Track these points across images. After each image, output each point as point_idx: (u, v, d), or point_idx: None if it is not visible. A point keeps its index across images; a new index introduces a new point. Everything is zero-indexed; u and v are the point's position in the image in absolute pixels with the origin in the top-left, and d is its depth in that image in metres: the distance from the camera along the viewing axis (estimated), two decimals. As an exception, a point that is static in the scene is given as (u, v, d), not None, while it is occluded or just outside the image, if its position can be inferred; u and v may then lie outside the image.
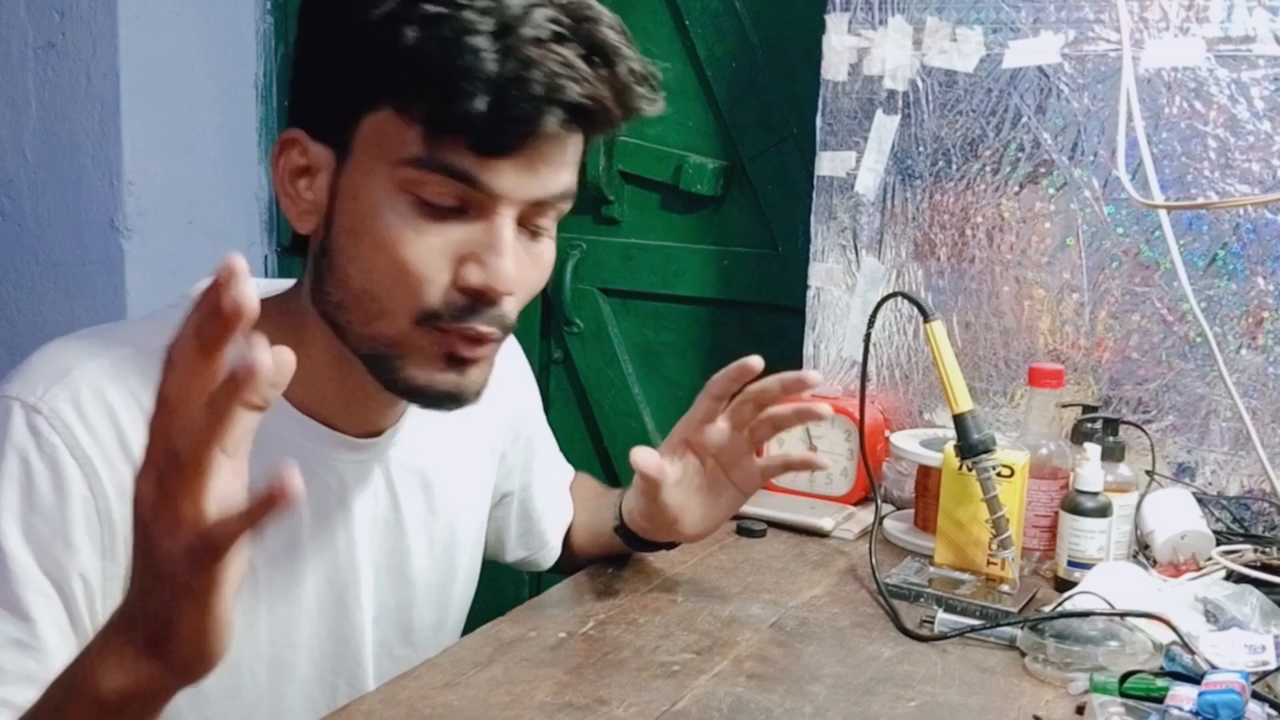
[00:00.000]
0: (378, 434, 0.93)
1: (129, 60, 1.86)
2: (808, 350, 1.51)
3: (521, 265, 0.81)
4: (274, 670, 0.90)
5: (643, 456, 1.01)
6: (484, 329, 0.80)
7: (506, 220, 0.79)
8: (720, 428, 1.04)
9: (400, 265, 0.78)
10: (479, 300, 0.79)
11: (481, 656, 0.95)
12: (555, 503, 1.20)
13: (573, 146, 0.82)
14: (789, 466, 1.07)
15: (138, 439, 0.75)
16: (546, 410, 1.93)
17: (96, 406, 0.78)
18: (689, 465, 1.06)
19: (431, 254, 0.78)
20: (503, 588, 1.77)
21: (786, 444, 1.44)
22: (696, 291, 1.78)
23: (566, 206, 0.83)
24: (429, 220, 0.78)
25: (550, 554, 1.21)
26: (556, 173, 0.80)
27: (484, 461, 1.08)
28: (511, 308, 0.82)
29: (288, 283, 0.91)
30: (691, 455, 1.06)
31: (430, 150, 0.76)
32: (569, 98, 0.75)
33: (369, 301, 0.80)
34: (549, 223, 0.84)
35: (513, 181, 0.78)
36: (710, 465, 1.07)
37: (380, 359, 0.82)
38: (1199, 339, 1.27)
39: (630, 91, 0.79)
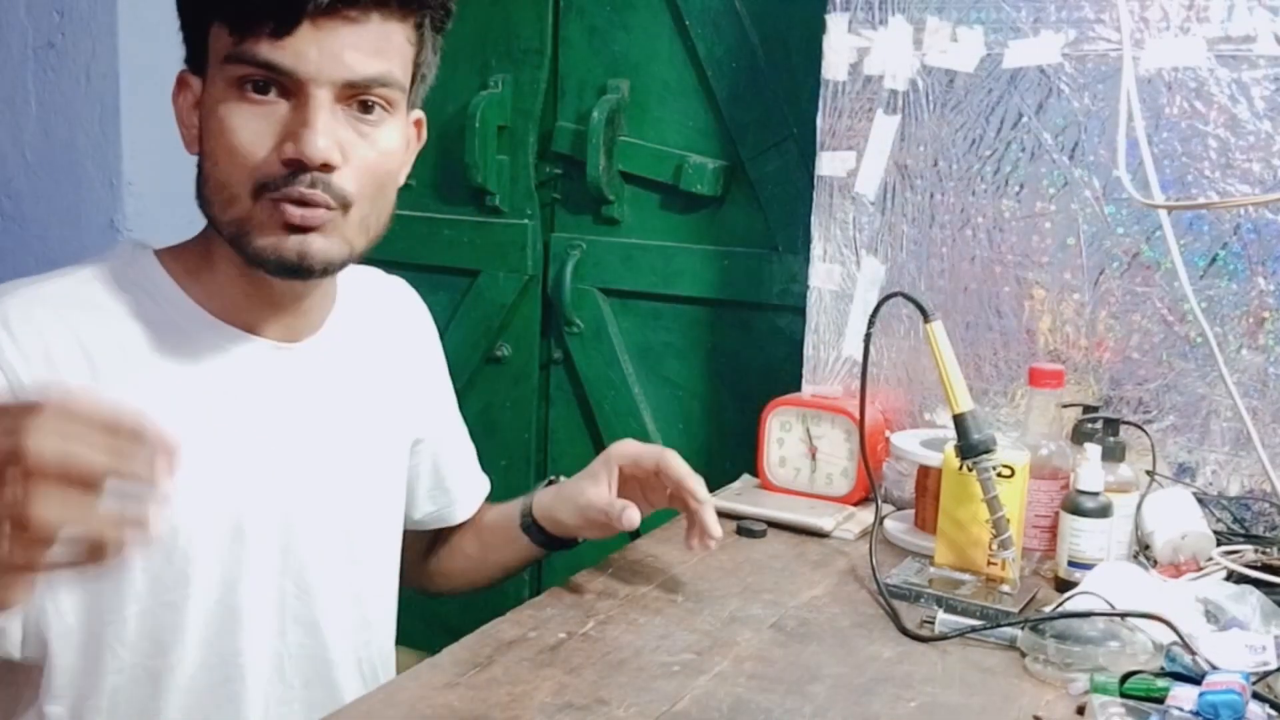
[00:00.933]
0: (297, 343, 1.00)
1: (129, 60, 1.86)
2: (808, 350, 1.51)
3: (349, 143, 0.89)
4: (225, 568, 0.95)
5: (635, 517, 1.08)
6: (309, 192, 0.88)
7: (318, 100, 0.88)
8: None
9: (233, 148, 0.88)
10: (301, 170, 0.88)
11: (481, 656, 0.95)
12: (464, 466, 1.24)
13: (378, 32, 0.89)
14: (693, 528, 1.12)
15: (61, 350, 0.88)
16: (546, 410, 1.95)
17: (23, 323, 0.88)
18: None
19: (256, 135, 0.88)
20: (503, 588, 1.77)
21: (787, 444, 1.44)
22: (696, 291, 1.78)
23: (389, 94, 0.91)
24: (252, 105, 0.88)
25: (459, 510, 1.23)
26: (366, 57, 0.89)
27: (396, 388, 1.11)
28: (346, 180, 0.89)
29: None
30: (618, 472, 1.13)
31: (237, 45, 0.87)
32: None
33: (221, 189, 0.90)
34: (381, 110, 0.91)
35: (312, 64, 0.87)
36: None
37: (237, 240, 0.91)
38: (1199, 339, 1.27)
39: None
